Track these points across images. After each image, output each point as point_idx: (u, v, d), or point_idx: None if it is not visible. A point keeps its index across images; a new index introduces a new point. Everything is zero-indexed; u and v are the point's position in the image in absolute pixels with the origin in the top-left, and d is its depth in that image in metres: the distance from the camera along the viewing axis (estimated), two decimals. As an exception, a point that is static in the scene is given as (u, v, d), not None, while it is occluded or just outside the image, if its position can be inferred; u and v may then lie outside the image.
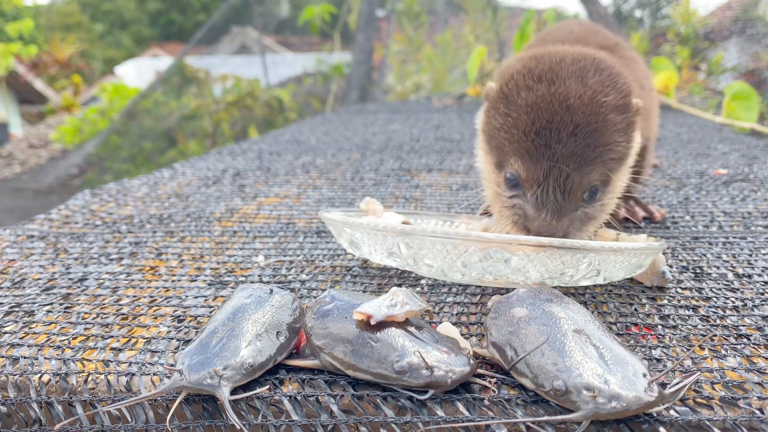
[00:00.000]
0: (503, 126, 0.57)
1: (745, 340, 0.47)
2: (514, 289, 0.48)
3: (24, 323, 0.53)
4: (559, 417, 0.36)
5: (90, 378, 0.44)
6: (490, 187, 0.61)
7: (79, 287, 0.62)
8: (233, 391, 0.40)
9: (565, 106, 0.54)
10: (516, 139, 0.55)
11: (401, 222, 0.67)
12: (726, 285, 0.58)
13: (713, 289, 0.57)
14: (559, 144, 0.53)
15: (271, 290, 0.49)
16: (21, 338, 0.50)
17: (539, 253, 0.49)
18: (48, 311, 0.56)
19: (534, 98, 0.55)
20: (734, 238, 0.71)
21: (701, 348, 0.46)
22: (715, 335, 0.47)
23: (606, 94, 0.55)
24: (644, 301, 0.54)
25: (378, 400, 0.39)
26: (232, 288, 0.60)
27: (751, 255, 0.65)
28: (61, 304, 0.57)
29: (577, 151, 0.53)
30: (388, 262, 0.58)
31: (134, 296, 0.59)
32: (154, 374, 0.44)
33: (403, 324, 0.43)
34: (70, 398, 0.43)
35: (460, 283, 0.58)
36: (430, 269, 0.54)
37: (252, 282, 0.62)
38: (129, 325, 0.52)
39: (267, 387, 0.41)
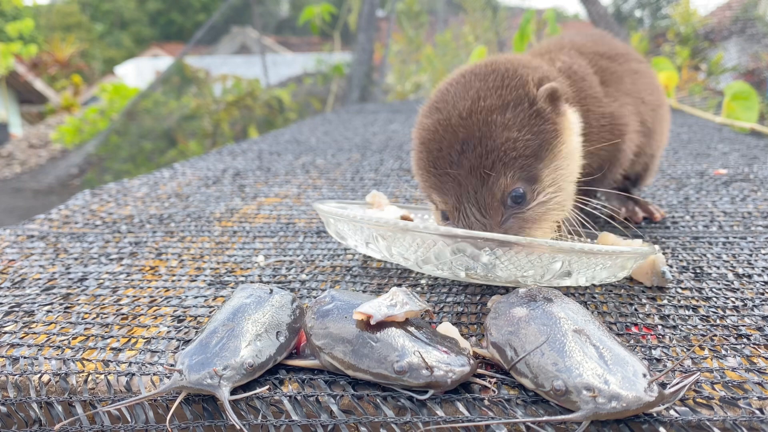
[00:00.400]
0: (416, 169, 0.57)
1: (745, 340, 0.47)
2: (513, 288, 0.48)
3: (24, 323, 0.53)
4: (559, 417, 0.36)
5: (90, 378, 0.44)
6: (435, 218, 0.60)
7: (79, 287, 0.62)
8: (233, 391, 0.40)
9: (448, 128, 0.53)
10: (424, 178, 0.55)
11: (400, 216, 0.67)
12: (726, 285, 0.58)
13: (713, 289, 0.57)
14: (454, 165, 0.52)
15: (271, 290, 0.49)
16: (21, 338, 0.50)
17: (505, 251, 0.49)
18: (48, 311, 0.56)
19: (423, 133, 0.55)
20: (734, 238, 0.71)
21: (701, 348, 0.46)
22: (715, 335, 0.47)
23: (486, 98, 0.53)
24: (644, 301, 0.54)
25: (378, 400, 0.39)
26: (232, 288, 0.60)
27: (751, 255, 0.65)
28: (61, 304, 0.57)
29: (474, 166, 0.51)
30: (369, 253, 0.60)
31: (134, 296, 0.59)
32: (154, 374, 0.44)
33: (403, 324, 0.43)
34: (70, 398, 0.43)
35: (436, 276, 0.59)
36: (407, 261, 0.55)
37: (252, 282, 0.62)
38: (129, 325, 0.52)
39: (267, 387, 0.41)
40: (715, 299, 0.54)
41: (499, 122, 0.52)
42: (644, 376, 0.37)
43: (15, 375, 0.45)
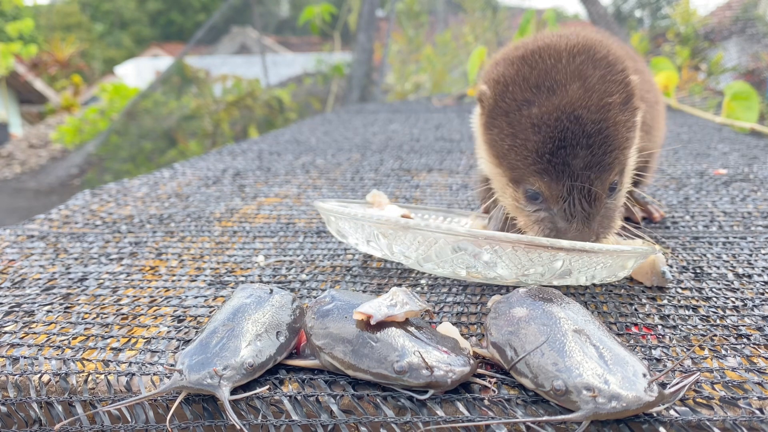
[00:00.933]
0: (512, 147, 0.54)
1: (745, 340, 0.47)
2: (513, 288, 0.48)
3: (24, 323, 0.53)
4: (559, 417, 0.36)
5: (90, 378, 0.44)
6: (507, 200, 0.58)
7: (79, 287, 0.62)
8: (233, 391, 0.40)
9: (573, 118, 0.51)
10: (531, 161, 0.53)
11: (401, 215, 0.67)
12: (726, 285, 0.58)
13: (713, 289, 0.57)
14: (576, 159, 0.51)
15: (271, 290, 0.49)
16: (21, 338, 0.50)
17: (506, 249, 0.49)
18: (48, 311, 0.56)
19: (538, 114, 0.52)
20: (734, 238, 0.71)
21: (701, 348, 0.46)
22: (715, 335, 0.47)
23: (610, 93, 0.53)
24: (644, 301, 0.54)
25: (378, 400, 0.39)
26: (232, 288, 0.60)
27: (751, 255, 0.65)
28: (61, 304, 0.57)
29: (594, 162, 0.52)
30: (370, 251, 0.60)
31: (134, 296, 0.59)
32: (154, 374, 0.44)
33: (403, 324, 0.43)
34: (70, 398, 0.43)
35: (437, 275, 0.59)
36: (408, 260, 0.55)
37: (252, 282, 0.62)
38: (129, 325, 0.52)
39: (267, 387, 0.41)
40: (715, 299, 0.54)
41: (621, 122, 0.53)
42: (644, 376, 0.37)
43: (15, 375, 0.45)
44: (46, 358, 0.46)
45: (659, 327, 0.49)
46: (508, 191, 0.58)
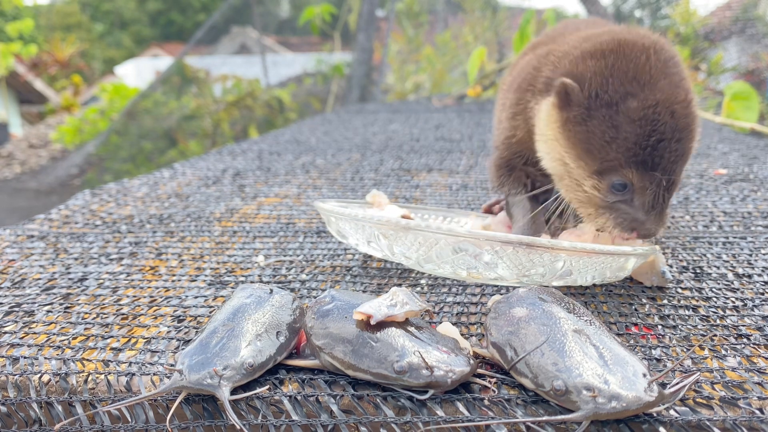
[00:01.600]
0: (613, 139, 0.54)
1: (745, 340, 0.47)
2: (513, 288, 0.48)
3: (24, 323, 0.53)
4: (559, 417, 0.36)
5: (90, 378, 0.44)
6: (579, 190, 0.58)
7: (79, 287, 0.62)
8: (233, 391, 0.40)
9: (669, 113, 0.54)
10: (632, 152, 0.54)
11: (401, 215, 0.67)
12: (726, 285, 0.58)
13: (713, 289, 0.57)
14: (671, 153, 0.54)
15: (271, 290, 0.49)
16: (21, 338, 0.50)
17: (507, 250, 0.49)
18: (48, 311, 0.56)
19: (643, 107, 0.54)
20: (734, 238, 0.71)
21: (701, 348, 0.46)
22: (715, 335, 0.47)
23: (688, 90, 0.56)
24: (644, 301, 0.54)
25: (378, 400, 0.39)
26: (232, 288, 0.60)
27: (751, 255, 0.65)
28: (61, 304, 0.57)
29: (681, 157, 0.54)
30: (370, 251, 0.60)
31: (134, 296, 0.59)
32: (154, 374, 0.44)
33: (403, 324, 0.43)
34: (70, 398, 0.43)
35: (438, 275, 0.59)
36: (408, 260, 0.55)
37: (252, 282, 0.62)
38: (129, 325, 0.52)
39: (267, 387, 0.41)
40: (715, 299, 0.54)
41: (698, 117, 0.56)
42: (644, 376, 0.37)
43: (15, 375, 0.45)
44: (46, 358, 0.46)
45: (659, 327, 0.49)
46: (586, 182, 0.57)
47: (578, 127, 0.56)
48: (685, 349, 0.45)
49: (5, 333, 0.51)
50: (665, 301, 0.54)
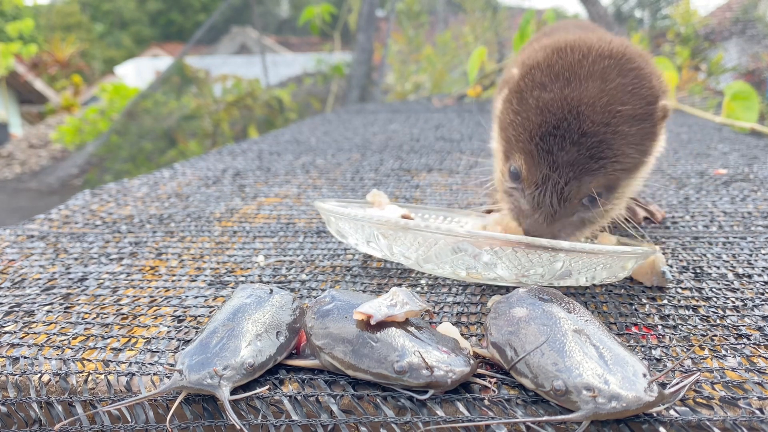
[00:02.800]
0: (512, 122, 0.55)
1: (745, 340, 0.47)
2: (513, 288, 0.48)
3: (24, 323, 0.53)
4: (559, 417, 0.36)
5: (90, 378, 0.44)
6: (497, 171, 0.60)
7: (79, 287, 0.62)
8: (233, 391, 0.40)
9: (575, 112, 0.51)
10: (522, 138, 0.54)
11: (401, 215, 0.67)
12: (726, 285, 0.58)
13: (713, 289, 0.57)
14: (562, 152, 0.51)
15: (271, 290, 0.49)
16: (21, 338, 0.50)
17: (506, 250, 0.49)
18: (48, 311, 0.56)
19: (545, 99, 0.53)
20: (734, 238, 0.71)
21: (701, 348, 0.46)
22: (715, 335, 0.47)
23: (623, 102, 0.52)
24: (644, 301, 0.54)
25: (378, 400, 0.39)
26: (232, 288, 0.60)
27: (751, 255, 0.65)
28: (61, 304, 0.57)
29: (579, 161, 0.51)
30: (370, 251, 0.60)
31: (134, 296, 0.59)
32: (154, 374, 0.44)
33: (403, 324, 0.43)
34: (70, 398, 0.43)
35: (437, 275, 0.59)
36: (408, 260, 0.55)
37: (252, 282, 0.62)
38: (129, 325, 0.52)
39: (267, 387, 0.41)
40: (715, 299, 0.54)
41: (624, 134, 0.52)
42: (644, 376, 0.37)
43: (15, 375, 0.45)
44: (46, 358, 0.46)
45: (659, 327, 0.49)
46: (499, 164, 0.60)
47: (501, 109, 0.59)
48: (685, 349, 0.45)
49: (5, 333, 0.51)
50: (665, 301, 0.54)
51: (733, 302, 0.54)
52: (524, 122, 0.54)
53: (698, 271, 0.61)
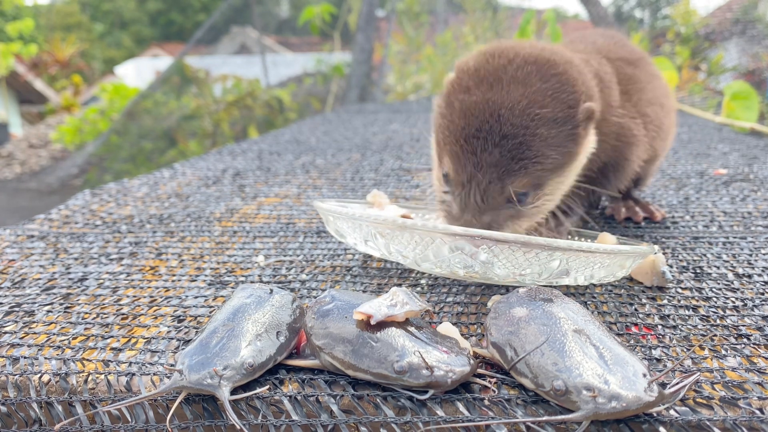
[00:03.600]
0: (440, 125, 0.58)
1: (745, 340, 0.47)
2: (513, 288, 0.48)
3: (24, 323, 0.53)
4: (559, 417, 0.36)
5: (90, 378, 0.44)
6: (433, 178, 0.63)
7: (79, 287, 0.62)
8: (233, 391, 0.40)
9: (496, 115, 0.54)
10: (449, 140, 0.56)
11: (401, 215, 0.67)
12: (726, 285, 0.58)
13: (713, 289, 0.57)
14: (484, 153, 0.54)
15: (271, 290, 0.49)
16: (21, 338, 0.50)
17: (503, 248, 0.49)
18: (48, 311, 0.56)
19: (468, 103, 0.56)
20: (734, 238, 0.71)
21: (701, 348, 0.46)
22: (715, 335, 0.47)
23: (543, 106, 0.55)
24: (644, 301, 0.54)
25: (378, 400, 0.39)
26: (232, 288, 0.60)
27: (751, 255, 0.65)
28: (61, 304, 0.57)
29: (500, 162, 0.54)
30: (368, 251, 0.60)
31: (134, 296, 0.59)
32: (154, 374, 0.44)
33: (403, 324, 0.43)
34: (70, 398, 0.43)
35: (436, 275, 0.60)
36: (405, 259, 0.55)
37: (252, 282, 0.62)
38: (129, 325, 0.52)
39: (267, 387, 0.41)
40: (715, 299, 0.54)
41: (543, 137, 0.54)
42: (644, 376, 0.37)
43: (15, 375, 0.45)
44: (46, 358, 0.46)
45: (659, 327, 0.49)
46: (435, 167, 0.62)
47: (436, 114, 0.61)
48: (685, 349, 0.45)
49: (5, 333, 0.51)
50: (665, 301, 0.54)
51: (733, 302, 0.54)
52: (450, 125, 0.57)
53: (698, 271, 0.61)
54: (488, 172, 0.54)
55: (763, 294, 0.55)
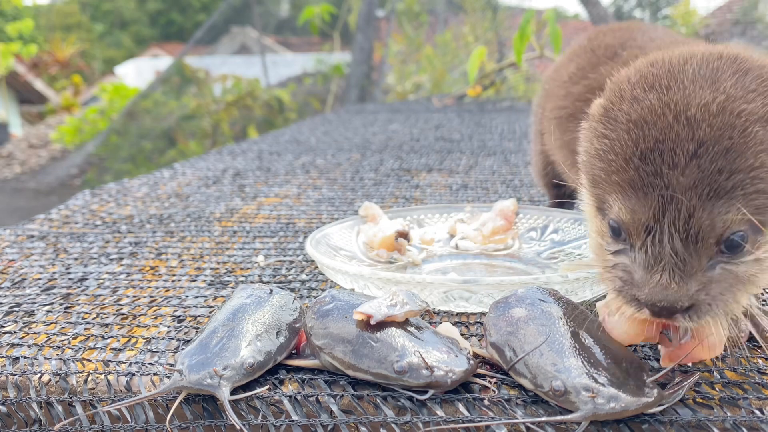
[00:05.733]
0: (599, 152, 0.41)
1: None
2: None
3: (24, 323, 0.53)
4: (559, 417, 0.36)
5: (90, 378, 0.44)
6: (592, 236, 0.45)
7: (79, 287, 0.62)
8: (233, 391, 0.40)
9: (683, 117, 0.38)
10: (615, 168, 0.40)
11: (396, 231, 0.66)
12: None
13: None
14: (675, 170, 0.37)
15: (271, 290, 0.49)
16: (21, 338, 0.50)
17: (493, 294, 0.50)
18: (48, 311, 0.56)
19: (640, 111, 0.40)
20: (734, 238, 0.71)
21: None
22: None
23: (748, 100, 0.38)
24: (644, 301, 0.54)
25: (378, 400, 0.39)
26: (232, 288, 0.60)
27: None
28: (61, 304, 0.57)
29: (702, 178, 0.36)
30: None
31: (134, 296, 0.59)
32: (154, 374, 0.44)
33: (403, 324, 0.43)
34: (70, 398, 0.43)
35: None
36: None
37: (252, 282, 0.62)
38: (129, 325, 0.52)
39: (267, 387, 0.41)
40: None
41: (759, 137, 0.37)
42: (644, 376, 0.37)
43: (15, 375, 0.45)
44: (46, 358, 0.46)
45: (659, 327, 0.49)
46: (594, 223, 0.44)
47: (588, 144, 0.45)
48: (684, 350, 0.45)
49: (5, 333, 0.51)
50: (665, 302, 0.54)
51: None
52: (614, 145, 0.40)
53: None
54: (687, 199, 0.37)
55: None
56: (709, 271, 0.37)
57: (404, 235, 0.66)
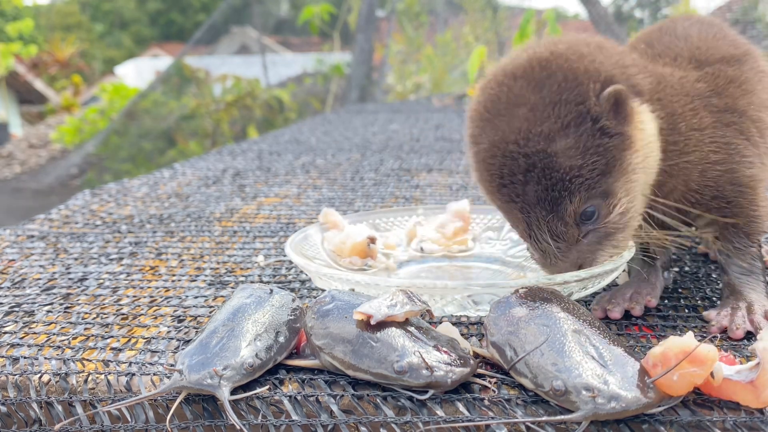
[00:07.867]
0: (478, 182, 0.52)
1: (745, 340, 0.47)
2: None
3: (24, 323, 0.53)
4: (559, 417, 0.36)
5: (90, 378, 0.44)
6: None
7: (79, 287, 0.62)
8: (233, 391, 0.40)
9: (507, 154, 0.47)
10: (491, 199, 0.51)
11: (367, 236, 0.64)
12: (726, 285, 0.58)
13: (713, 289, 0.57)
14: (521, 196, 0.47)
15: (271, 290, 0.49)
16: (21, 338, 0.50)
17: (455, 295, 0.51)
18: (48, 311, 0.56)
19: (483, 154, 0.49)
20: (734, 238, 0.71)
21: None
22: (716, 335, 0.47)
23: (541, 121, 0.46)
24: (644, 301, 0.54)
25: (378, 400, 0.39)
26: (232, 288, 0.60)
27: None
28: (61, 304, 0.57)
29: (540, 196, 0.47)
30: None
31: (134, 296, 0.59)
32: (154, 374, 0.44)
33: (403, 324, 0.43)
34: (70, 398, 0.43)
35: None
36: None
37: (252, 282, 0.62)
38: (129, 325, 0.52)
39: (267, 387, 0.41)
40: (716, 299, 0.54)
41: (560, 151, 0.46)
42: (644, 376, 0.37)
43: (15, 375, 0.45)
44: (46, 358, 0.46)
45: (659, 327, 0.49)
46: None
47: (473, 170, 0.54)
48: (684, 350, 0.45)
49: (5, 333, 0.51)
50: (665, 301, 0.54)
51: (733, 302, 0.54)
52: (481, 176, 0.50)
53: (698, 271, 0.61)
54: (537, 211, 0.47)
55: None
56: (585, 239, 0.49)
57: (374, 240, 0.65)
